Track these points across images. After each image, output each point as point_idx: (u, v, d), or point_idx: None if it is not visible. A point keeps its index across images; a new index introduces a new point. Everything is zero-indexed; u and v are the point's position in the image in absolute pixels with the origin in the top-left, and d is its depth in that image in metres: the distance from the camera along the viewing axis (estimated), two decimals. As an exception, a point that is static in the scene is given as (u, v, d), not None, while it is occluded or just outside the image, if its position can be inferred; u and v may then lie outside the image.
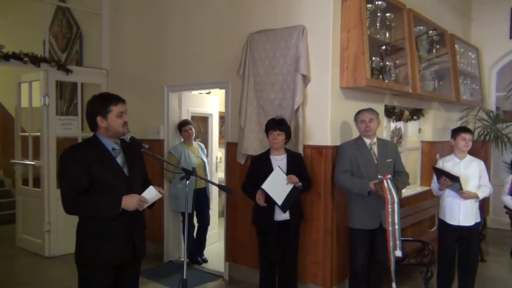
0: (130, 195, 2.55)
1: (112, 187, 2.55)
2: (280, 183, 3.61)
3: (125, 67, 5.92)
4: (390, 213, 3.57)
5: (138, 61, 5.75)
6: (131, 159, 2.71)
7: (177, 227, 5.52)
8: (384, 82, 4.41)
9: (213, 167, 6.01)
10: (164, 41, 5.45)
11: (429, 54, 5.66)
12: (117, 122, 2.61)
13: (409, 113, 5.72)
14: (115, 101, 2.63)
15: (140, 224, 2.77)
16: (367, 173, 3.75)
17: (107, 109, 2.60)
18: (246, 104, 4.40)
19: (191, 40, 5.14)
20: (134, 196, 2.55)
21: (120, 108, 2.63)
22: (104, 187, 2.54)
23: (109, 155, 2.62)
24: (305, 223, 4.12)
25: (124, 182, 2.60)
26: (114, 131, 2.62)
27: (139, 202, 2.55)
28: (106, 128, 2.62)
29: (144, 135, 5.49)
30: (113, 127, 2.61)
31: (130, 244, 2.65)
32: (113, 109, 2.61)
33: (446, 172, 3.76)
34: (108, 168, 2.57)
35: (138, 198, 2.55)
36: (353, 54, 4.05)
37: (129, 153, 2.71)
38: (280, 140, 3.76)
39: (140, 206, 2.57)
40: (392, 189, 3.57)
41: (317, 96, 4.11)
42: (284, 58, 4.16)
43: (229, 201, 4.82)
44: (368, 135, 3.84)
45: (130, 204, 2.53)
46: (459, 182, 3.70)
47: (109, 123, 2.60)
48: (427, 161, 6.12)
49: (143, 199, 2.57)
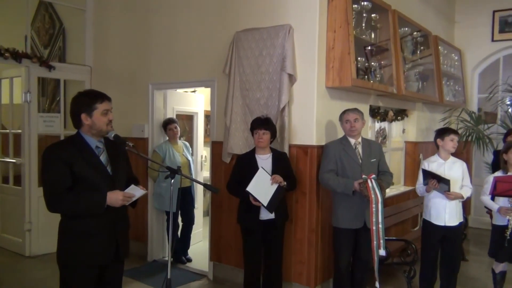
0: (115, 191, 2.54)
1: (95, 186, 2.52)
2: (264, 184, 3.60)
3: (109, 64, 5.86)
4: (374, 212, 3.58)
5: (122, 58, 5.70)
6: (115, 157, 2.68)
7: (161, 226, 5.48)
8: (369, 82, 4.43)
9: (198, 166, 5.99)
10: (149, 38, 5.41)
11: (414, 55, 5.71)
12: (102, 120, 2.59)
13: (394, 114, 5.76)
14: (101, 99, 2.60)
15: (124, 222, 2.75)
16: (352, 172, 3.77)
17: (92, 107, 2.57)
18: (231, 103, 4.39)
19: (177, 38, 5.11)
20: (119, 192, 2.54)
21: (105, 106, 2.61)
22: (87, 185, 2.51)
23: (93, 153, 2.59)
24: (290, 222, 4.12)
25: (107, 180, 2.58)
26: (98, 129, 2.59)
27: (124, 197, 2.54)
28: (90, 126, 2.59)
29: (129, 133, 5.44)
30: (97, 125, 2.58)
31: (113, 243, 2.63)
32: (99, 106, 2.58)
33: (436, 174, 3.77)
34: (92, 167, 2.54)
35: (122, 194, 2.54)
36: (339, 54, 4.06)
37: (113, 151, 2.69)
38: (266, 139, 3.76)
39: (126, 201, 2.56)
40: (376, 189, 3.59)
41: (303, 96, 4.11)
42: (270, 57, 4.16)
43: (214, 200, 4.80)
44: (353, 135, 3.85)
45: (115, 199, 2.52)
46: (449, 184, 3.73)
47: (94, 121, 2.58)
48: (411, 161, 6.18)
49: (128, 194, 2.56)
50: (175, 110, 5.62)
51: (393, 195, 5.46)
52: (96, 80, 5.95)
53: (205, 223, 6.02)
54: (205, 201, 6.60)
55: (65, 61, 6.40)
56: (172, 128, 5.22)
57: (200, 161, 6.07)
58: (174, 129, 5.22)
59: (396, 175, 5.91)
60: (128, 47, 5.64)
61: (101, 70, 5.95)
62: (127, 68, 5.65)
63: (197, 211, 5.73)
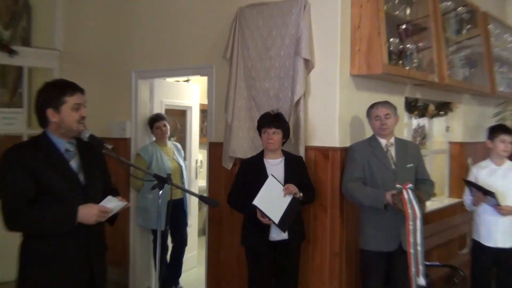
0: (88, 205, 2.53)
1: (64, 198, 2.54)
2: (275, 196, 3.59)
3: (83, 48, 5.89)
4: (412, 231, 3.57)
5: (99, 40, 5.72)
6: (89, 163, 2.69)
7: (146, 248, 5.48)
8: (404, 69, 4.42)
9: (192, 173, 6.00)
10: (132, 17, 5.43)
11: (458, 36, 5.69)
12: (72, 117, 2.59)
13: (435, 108, 5.74)
14: (71, 90, 2.62)
15: (100, 243, 2.76)
16: (383, 181, 3.76)
17: (60, 100, 2.58)
18: (234, 95, 4.39)
19: (166, 16, 5.13)
20: (93, 206, 2.53)
21: (76, 99, 2.61)
22: (54, 197, 2.52)
23: (61, 157, 2.60)
24: (307, 243, 4.11)
25: (79, 191, 2.59)
26: (67, 128, 2.60)
27: (99, 213, 2.53)
28: (58, 124, 2.60)
29: (106, 133, 5.45)
30: (66, 123, 2.59)
31: (87, 269, 2.63)
32: (68, 100, 2.59)
33: (477, 185, 3.77)
34: (60, 174, 2.55)
35: (97, 208, 2.53)
36: (366, 35, 4.05)
37: (87, 155, 2.70)
38: (276, 140, 3.75)
39: (102, 217, 2.56)
40: (414, 202, 3.57)
41: (322, 86, 4.10)
42: (282, 38, 4.16)
43: (212, 216, 4.80)
44: (384, 134, 3.85)
45: (89, 215, 2.51)
46: (495, 197, 3.71)
47: (62, 117, 2.59)
48: (457, 167, 6.15)
49: (104, 208, 2.55)
50: (164, 104, 5.64)
51: (435, 210, 5.44)
52: (67, 68, 5.99)
53: (200, 244, 6.01)
54: (201, 217, 6.59)
55: (30, 45, 6.42)
56: (160, 127, 5.22)
57: (195, 167, 6.07)
58: (162, 128, 5.23)
59: (439, 184, 5.86)
60: (106, 27, 5.66)
61: (73, 56, 5.97)
62: (104, 52, 5.67)
63: (190, 230, 5.74)
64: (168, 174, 2.80)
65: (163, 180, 2.72)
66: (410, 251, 3.58)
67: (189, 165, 5.95)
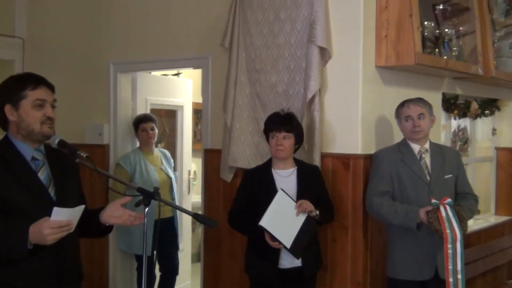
0: (38, 223, 2.40)
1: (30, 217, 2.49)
2: (286, 214, 3.59)
3: (50, 36, 5.89)
4: (451, 256, 3.58)
5: (69, 26, 5.73)
6: (61, 175, 2.69)
7: (129, 277, 5.50)
8: (441, 59, 4.43)
9: (184, 187, 6.00)
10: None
11: (507, 18, 5.68)
12: (33, 116, 2.58)
13: (479, 106, 5.73)
14: (34, 84, 2.61)
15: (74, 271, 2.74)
16: (416, 195, 3.77)
17: (19, 94, 2.58)
18: (234, 92, 4.41)
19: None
20: (42, 222, 2.39)
21: (40, 94, 2.60)
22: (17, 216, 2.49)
23: (27, 167, 2.59)
24: (324, 271, 4.11)
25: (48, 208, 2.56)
26: (27, 129, 2.59)
27: (52, 232, 2.38)
28: (17, 124, 2.60)
29: (80, 138, 5.47)
30: (26, 122, 2.58)
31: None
32: (29, 94, 2.58)
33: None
34: (25, 187, 2.55)
35: (48, 225, 2.38)
36: (395, 17, 4.07)
37: (57, 165, 2.69)
38: (287, 146, 3.75)
39: (56, 237, 2.40)
40: (453, 220, 3.57)
41: (341, 80, 4.11)
42: (292, 22, 4.17)
43: (209, 239, 4.81)
44: (416, 139, 3.85)
45: (39, 234, 2.38)
46: None
47: (21, 115, 2.58)
48: (506, 178, 6.15)
49: (55, 224, 2.39)
50: (149, 103, 5.66)
51: (479, 229, 5.44)
52: (31, 59, 5.98)
53: (194, 272, 6.03)
54: (195, 239, 6.60)
55: (-15, 32, 6.47)
56: (146, 129, 5.22)
57: (187, 179, 6.08)
58: (149, 131, 5.23)
59: (483, 198, 5.87)
60: (79, 10, 5.66)
61: (39, 44, 5.98)
62: (76, 40, 5.67)
63: (182, 255, 5.75)
64: (156, 187, 2.75)
65: (149, 195, 2.67)
66: (449, 280, 3.58)
67: (180, 177, 5.95)
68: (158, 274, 5.40)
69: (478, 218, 5.75)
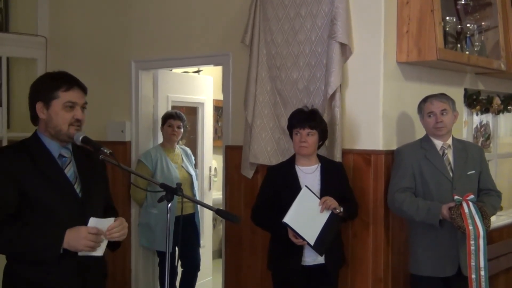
0: (77, 228, 2.48)
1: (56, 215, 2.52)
2: (310, 211, 3.58)
3: (72, 34, 5.93)
4: (473, 252, 3.56)
5: (91, 25, 5.76)
6: (87, 172, 2.70)
7: (151, 273, 5.53)
8: (463, 54, 4.41)
9: (205, 184, 6.02)
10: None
11: (531, 12, 5.63)
12: (62, 117, 2.61)
13: (501, 102, 5.69)
14: (67, 85, 2.62)
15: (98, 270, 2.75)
16: (438, 191, 3.76)
17: (52, 94, 2.60)
18: (255, 88, 4.42)
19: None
20: (82, 229, 2.47)
21: (71, 96, 2.62)
22: (43, 212, 2.52)
23: (54, 164, 2.61)
24: (346, 267, 4.11)
25: (74, 206, 2.59)
26: (55, 129, 2.61)
27: (88, 238, 2.45)
28: (46, 122, 2.62)
29: (102, 136, 5.49)
30: (54, 122, 2.61)
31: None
32: (61, 95, 2.60)
33: None
34: (51, 185, 2.56)
35: (86, 232, 2.47)
36: (417, 12, 4.06)
37: (84, 163, 2.71)
38: (311, 142, 3.74)
39: (90, 245, 2.48)
40: (476, 217, 3.56)
41: (362, 76, 4.11)
42: (313, 18, 4.17)
43: (230, 235, 4.83)
44: (439, 135, 3.84)
45: (76, 240, 2.46)
46: None
47: (51, 114, 2.60)
48: (529, 174, 6.09)
49: (93, 230, 2.47)
50: (171, 100, 5.68)
51: (502, 226, 5.40)
52: (54, 57, 6.02)
53: (216, 268, 6.05)
54: (216, 236, 6.62)
55: (8, 30, 6.51)
56: (173, 125, 5.24)
57: (208, 176, 6.09)
58: (175, 128, 5.25)
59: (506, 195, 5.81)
60: (102, 9, 5.70)
61: (61, 43, 6.03)
62: (98, 39, 5.71)
63: (204, 251, 5.76)
64: (178, 183, 2.74)
65: (172, 190, 2.65)
66: (471, 277, 3.57)
67: (201, 174, 5.97)
68: (180, 270, 5.41)
69: (501, 214, 5.71)
